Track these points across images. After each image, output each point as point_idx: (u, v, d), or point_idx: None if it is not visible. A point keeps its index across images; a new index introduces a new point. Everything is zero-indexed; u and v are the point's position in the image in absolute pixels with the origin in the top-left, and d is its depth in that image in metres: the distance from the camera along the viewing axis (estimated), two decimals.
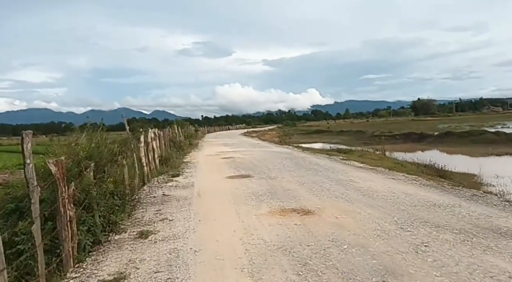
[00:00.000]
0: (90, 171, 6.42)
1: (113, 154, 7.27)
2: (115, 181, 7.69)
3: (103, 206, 6.53)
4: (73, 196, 5.54)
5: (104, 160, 7.16)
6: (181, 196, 9.32)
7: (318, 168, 13.37)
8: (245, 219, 6.70)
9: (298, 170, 12.95)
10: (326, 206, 7.35)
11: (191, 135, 38.57)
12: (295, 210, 7.12)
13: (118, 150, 7.44)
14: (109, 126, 48.36)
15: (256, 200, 8.28)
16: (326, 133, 60.52)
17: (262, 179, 11.25)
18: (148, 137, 14.50)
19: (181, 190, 10.22)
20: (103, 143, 7.89)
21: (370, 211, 6.78)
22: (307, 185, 9.78)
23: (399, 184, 9.73)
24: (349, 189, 9.07)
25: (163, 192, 9.95)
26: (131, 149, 7.85)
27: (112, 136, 11.07)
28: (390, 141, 39.21)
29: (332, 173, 12.02)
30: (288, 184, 10.06)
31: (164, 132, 20.80)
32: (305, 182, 10.35)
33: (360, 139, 44.45)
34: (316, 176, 11.38)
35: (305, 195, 8.51)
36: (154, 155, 14.69)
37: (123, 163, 9.17)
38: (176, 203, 8.56)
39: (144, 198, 9.33)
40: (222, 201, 8.40)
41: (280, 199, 8.19)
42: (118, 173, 8.00)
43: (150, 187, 10.81)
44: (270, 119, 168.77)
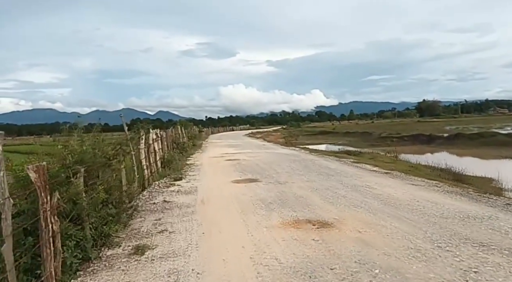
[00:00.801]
0: (80, 177, 5.67)
1: (107, 157, 6.50)
2: (110, 188, 6.96)
3: (95, 216, 5.79)
4: (57, 207, 4.79)
5: (97, 164, 6.41)
6: (183, 202, 8.56)
7: (329, 171, 12.57)
8: (255, 231, 5.92)
9: (308, 173, 12.16)
10: (345, 216, 6.55)
11: (195, 136, 37.86)
12: (310, 222, 6.33)
13: (113, 152, 6.67)
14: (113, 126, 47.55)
15: (265, 208, 7.50)
16: (331, 135, 59.62)
17: (271, 183, 10.46)
18: (149, 139, 13.78)
19: (183, 195, 9.46)
20: (97, 145, 7.16)
21: (396, 223, 5.97)
22: (320, 191, 8.99)
23: (421, 191, 8.91)
24: (367, 197, 8.27)
25: (164, 198, 9.19)
26: (128, 152, 7.11)
27: (114, 137, 10.38)
28: (398, 143, 38.29)
29: (346, 177, 11.22)
30: (299, 190, 9.27)
31: (167, 133, 20.08)
32: (318, 187, 9.56)
33: (367, 141, 43.56)
34: (328, 181, 10.58)
35: (320, 203, 7.71)
36: (155, 157, 13.95)
37: (120, 167, 8.43)
38: (177, 211, 7.80)
39: (143, 204, 8.58)
40: (228, 209, 7.63)
41: (292, 208, 7.40)
42: (114, 178, 7.26)
43: (150, 192, 10.05)
44: (274, 120, 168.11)
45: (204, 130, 61.85)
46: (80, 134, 6.31)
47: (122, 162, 8.33)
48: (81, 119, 6.64)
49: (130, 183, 9.67)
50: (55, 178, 5.12)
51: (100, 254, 5.34)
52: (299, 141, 41.07)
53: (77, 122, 6.44)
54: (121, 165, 8.55)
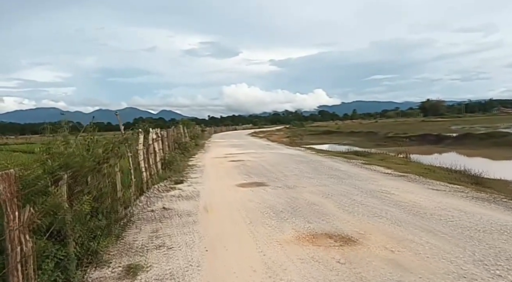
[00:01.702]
0: (63, 184, 4.87)
1: (96, 161, 5.70)
2: (101, 195, 6.16)
3: (81, 230, 5.00)
4: (31, 223, 4.00)
5: (86, 168, 5.61)
6: (184, 210, 7.75)
7: (340, 174, 11.74)
8: (266, 248, 5.11)
9: (318, 176, 11.34)
10: (368, 229, 5.73)
11: (197, 135, 37.08)
12: (330, 236, 5.51)
13: (103, 155, 5.86)
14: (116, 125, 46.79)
15: (276, 218, 6.69)
16: (335, 134, 58.70)
17: (279, 188, 9.65)
18: (149, 139, 12.99)
19: (184, 201, 8.66)
20: (90, 146, 6.37)
21: (432, 240, 5.14)
22: (334, 198, 8.17)
23: (445, 197, 8.08)
24: (388, 204, 7.44)
25: (163, 205, 8.39)
26: (120, 155, 6.34)
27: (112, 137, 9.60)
28: (406, 143, 37.45)
29: (359, 181, 10.40)
30: (311, 196, 8.45)
31: (168, 133, 19.29)
32: (331, 193, 8.74)
33: (373, 140, 42.62)
34: (341, 185, 9.76)
35: (337, 212, 6.89)
36: (155, 158, 13.16)
37: (114, 170, 7.64)
38: (178, 220, 7.00)
39: (140, 212, 7.78)
40: (233, 219, 6.81)
41: (306, 218, 6.59)
42: (106, 183, 6.46)
43: (148, 197, 9.26)
44: (277, 120, 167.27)
45: (206, 129, 61.12)
46: (65, 135, 5.51)
47: (116, 165, 7.55)
48: (64, 118, 5.78)
49: (127, 187, 8.89)
50: (30, 187, 4.34)
51: (85, 276, 4.54)
52: (303, 141, 40.20)
53: (62, 120, 5.62)
54: (116, 168, 7.77)
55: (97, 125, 10.08)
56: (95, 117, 9.14)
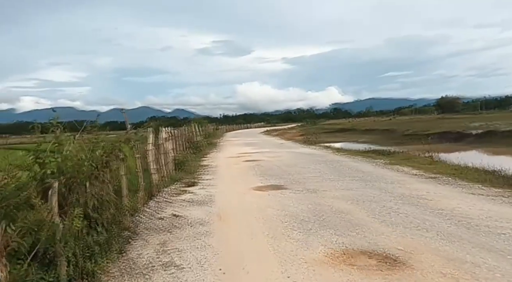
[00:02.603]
0: (53, 194, 4.13)
1: (94, 165, 4.94)
2: (102, 203, 5.42)
3: (75, 248, 4.25)
4: (6, 245, 3.26)
5: (82, 174, 4.87)
6: (196, 218, 6.97)
7: (364, 176, 10.83)
8: (293, 270, 4.28)
9: (341, 179, 10.45)
10: (415, 247, 4.85)
11: (210, 134, 36.45)
12: (369, 255, 4.66)
13: (102, 159, 5.09)
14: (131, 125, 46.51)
15: (300, 229, 5.85)
16: (350, 132, 57.38)
17: (299, 192, 8.81)
18: (159, 138, 12.28)
19: (196, 207, 7.89)
20: (94, 147, 5.64)
21: (491, 259, 4.24)
22: (364, 204, 7.30)
23: (490, 204, 7.14)
24: (428, 213, 6.54)
25: (174, 211, 7.63)
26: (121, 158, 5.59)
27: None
28: (425, 141, 36.17)
29: (387, 183, 9.49)
30: (336, 202, 7.60)
31: (180, 132, 18.61)
32: (359, 198, 7.86)
33: (390, 139, 41.34)
34: (368, 189, 8.87)
35: (370, 223, 6.03)
36: (166, 158, 12.45)
37: (120, 173, 6.91)
38: (189, 230, 6.22)
39: (148, 220, 7.02)
40: (251, 230, 6.00)
41: (335, 230, 5.74)
42: (107, 190, 5.72)
43: (158, 202, 8.51)
44: (290, 118, 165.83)
45: (219, 128, 60.53)
46: (57, 135, 4.76)
47: (120, 168, 6.81)
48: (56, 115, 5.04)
49: (134, 192, 8.16)
50: (10, 199, 3.60)
51: None
52: (318, 139, 39.16)
53: (53, 118, 4.87)
54: (121, 171, 7.04)
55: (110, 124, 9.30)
56: (110, 116, 8.43)
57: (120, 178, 7.04)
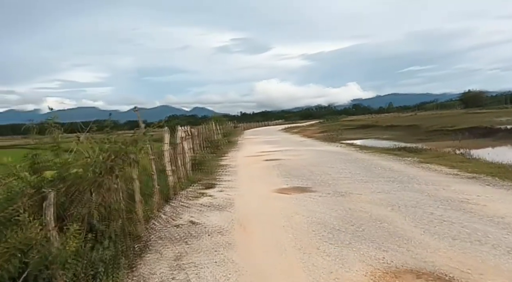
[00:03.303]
0: (48, 207, 3.52)
1: (97, 172, 4.32)
2: (109, 213, 4.80)
3: (74, 267, 3.64)
4: None
5: (86, 181, 4.25)
6: (215, 225, 6.31)
7: (398, 176, 9.96)
8: None
9: (374, 180, 9.61)
10: (471, 264, 4.04)
11: (229, 132, 35.89)
12: (417, 274, 3.87)
13: (107, 163, 4.45)
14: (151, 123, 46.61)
15: (334, 241, 5.11)
16: (373, 129, 55.88)
17: (329, 195, 8.04)
18: (176, 138, 11.71)
19: (215, 213, 7.23)
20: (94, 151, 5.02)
21: None
22: (404, 210, 6.48)
23: None
24: (478, 221, 5.68)
25: (191, 217, 6.99)
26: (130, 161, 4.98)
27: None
28: (452, 137, 34.64)
29: (425, 185, 8.61)
30: (372, 207, 6.80)
31: (199, 130, 18.04)
32: (397, 203, 7.04)
33: (415, 135, 39.86)
34: (406, 191, 8.03)
35: (415, 234, 5.23)
36: (184, 159, 11.86)
37: (133, 176, 6.31)
38: (207, 240, 5.56)
39: (163, 228, 6.40)
40: (278, 242, 5.29)
41: (375, 242, 4.97)
42: (117, 198, 5.10)
43: (174, 207, 7.89)
44: (309, 115, 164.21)
45: (239, 126, 60.05)
46: (55, 137, 4.16)
47: (133, 171, 6.21)
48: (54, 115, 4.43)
49: (149, 196, 7.57)
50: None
51: None
52: (340, 136, 38.10)
53: (51, 118, 4.26)
54: (134, 174, 6.44)
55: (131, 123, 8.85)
56: (131, 116, 8.00)
57: (133, 181, 6.46)
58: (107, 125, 7.03)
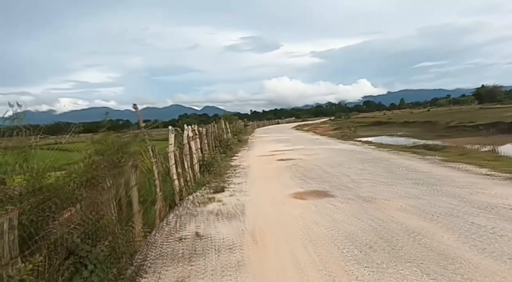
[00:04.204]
0: (2, 234, 2.74)
1: (77, 183, 3.54)
2: (97, 230, 4.03)
3: None
4: None
5: (60, 197, 3.47)
6: (224, 239, 5.50)
7: (425, 178, 9.02)
8: None
9: (399, 182, 8.69)
10: None
11: (240, 131, 35.08)
12: None
13: (86, 174, 3.66)
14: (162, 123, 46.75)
15: (366, 262, 4.25)
16: (387, 125, 54.60)
17: (351, 201, 7.17)
18: (183, 138, 10.95)
19: (225, 223, 6.42)
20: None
21: None
22: (443, 220, 5.57)
23: None
24: None
25: (197, 228, 6.20)
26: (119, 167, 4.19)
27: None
28: (472, 133, 33.34)
29: (459, 188, 7.68)
30: (403, 216, 5.91)
31: (208, 129, 17.25)
32: (432, 210, 6.14)
33: (433, 131, 38.62)
34: (438, 196, 7.11)
35: (464, 252, 4.33)
36: (191, 160, 11.09)
37: (131, 183, 5.56)
38: (214, 259, 4.75)
39: (164, 241, 5.62)
40: (298, 262, 4.43)
41: (417, 263, 4.09)
42: (108, 211, 4.32)
43: (179, 216, 7.11)
44: (320, 112, 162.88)
45: (249, 124, 59.27)
46: (22, 140, 3.38)
47: (131, 178, 5.44)
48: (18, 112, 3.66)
49: (150, 204, 6.81)
50: None
51: None
52: (354, 134, 37.03)
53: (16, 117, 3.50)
54: (132, 180, 5.69)
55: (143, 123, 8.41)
56: (143, 115, 7.35)
57: (132, 189, 5.70)
58: (104, 125, 6.34)
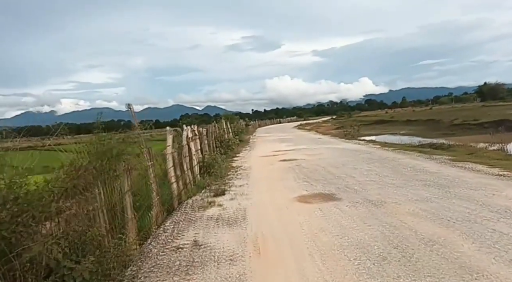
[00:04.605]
0: None
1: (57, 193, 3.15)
2: (84, 244, 3.65)
3: None
4: None
5: (38, 209, 3.08)
6: (224, 248, 5.11)
7: (435, 179, 8.61)
8: None
9: (408, 183, 8.28)
10: None
11: (241, 130, 34.67)
12: None
13: (56, 188, 3.24)
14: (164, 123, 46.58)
15: (379, 277, 3.82)
16: (390, 124, 54.11)
17: (359, 205, 6.76)
18: (182, 139, 10.56)
19: (225, 229, 6.03)
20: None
21: None
22: (458, 226, 5.16)
23: None
24: None
25: (195, 235, 5.81)
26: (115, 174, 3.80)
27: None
28: (477, 131, 32.85)
29: (471, 190, 7.27)
30: (416, 222, 5.50)
31: (208, 130, 16.86)
32: (444, 214, 5.73)
33: (436, 129, 38.15)
34: (450, 199, 6.70)
35: (485, 263, 3.91)
36: (191, 162, 10.70)
37: (123, 189, 5.18)
38: (214, 273, 4.35)
39: (160, 251, 5.23)
40: (303, 276, 4.04)
41: (438, 279, 3.70)
42: (96, 220, 3.93)
43: (176, 222, 6.72)
44: (322, 111, 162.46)
45: (251, 123, 58.84)
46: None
47: (124, 183, 5.06)
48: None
49: (146, 209, 6.42)
50: None
51: None
52: (357, 133, 36.61)
53: None
54: (125, 186, 5.32)
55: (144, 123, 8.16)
56: (145, 116, 6.85)
57: (123, 196, 5.32)
58: (96, 127, 5.99)
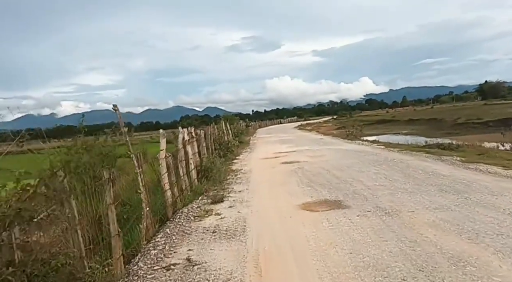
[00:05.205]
0: None
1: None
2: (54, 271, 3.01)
3: None
4: None
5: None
6: (221, 269, 4.47)
7: (449, 182, 7.98)
8: None
9: (420, 188, 7.64)
10: None
11: (241, 132, 34.00)
12: None
13: (10, 204, 2.64)
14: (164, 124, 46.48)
15: None
16: (391, 123, 53.52)
17: (370, 214, 6.12)
18: (178, 142, 9.93)
19: (223, 244, 5.39)
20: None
21: None
22: (488, 240, 4.52)
23: None
24: None
25: (189, 252, 5.17)
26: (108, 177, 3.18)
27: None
28: (481, 130, 32.29)
29: (492, 196, 6.63)
30: (438, 235, 4.86)
31: (207, 132, 16.22)
32: (468, 226, 5.09)
33: (439, 128, 37.54)
34: (471, 206, 6.07)
35: None
36: (188, 167, 10.07)
37: (106, 202, 4.57)
38: None
39: (147, 271, 4.60)
40: None
41: None
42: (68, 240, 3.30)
43: (169, 235, 6.07)
44: (322, 111, 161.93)
45: (251, 124, 58.20)
46: None
47: (107, 195, 4.44)
48: None
49: (135, 222, 5.79)
50: None
51: None
52: (359, 133, 35.95)
53: None
54: (108, 198, 4.70)
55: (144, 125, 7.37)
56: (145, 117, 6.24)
57: (108, 208, 4.69)
58: (80, 131, 5.37)
